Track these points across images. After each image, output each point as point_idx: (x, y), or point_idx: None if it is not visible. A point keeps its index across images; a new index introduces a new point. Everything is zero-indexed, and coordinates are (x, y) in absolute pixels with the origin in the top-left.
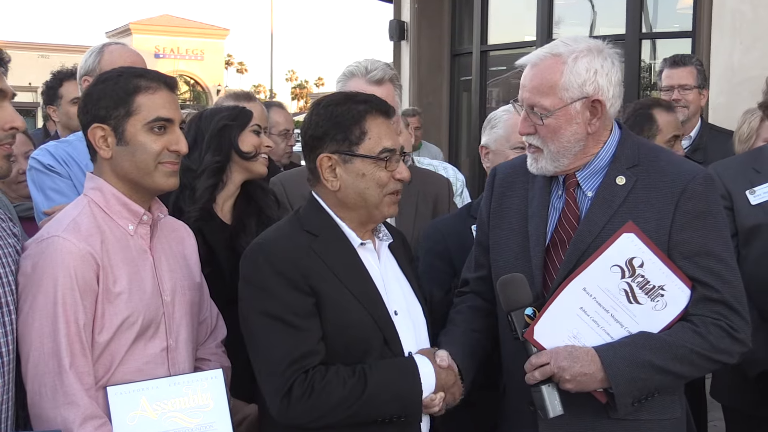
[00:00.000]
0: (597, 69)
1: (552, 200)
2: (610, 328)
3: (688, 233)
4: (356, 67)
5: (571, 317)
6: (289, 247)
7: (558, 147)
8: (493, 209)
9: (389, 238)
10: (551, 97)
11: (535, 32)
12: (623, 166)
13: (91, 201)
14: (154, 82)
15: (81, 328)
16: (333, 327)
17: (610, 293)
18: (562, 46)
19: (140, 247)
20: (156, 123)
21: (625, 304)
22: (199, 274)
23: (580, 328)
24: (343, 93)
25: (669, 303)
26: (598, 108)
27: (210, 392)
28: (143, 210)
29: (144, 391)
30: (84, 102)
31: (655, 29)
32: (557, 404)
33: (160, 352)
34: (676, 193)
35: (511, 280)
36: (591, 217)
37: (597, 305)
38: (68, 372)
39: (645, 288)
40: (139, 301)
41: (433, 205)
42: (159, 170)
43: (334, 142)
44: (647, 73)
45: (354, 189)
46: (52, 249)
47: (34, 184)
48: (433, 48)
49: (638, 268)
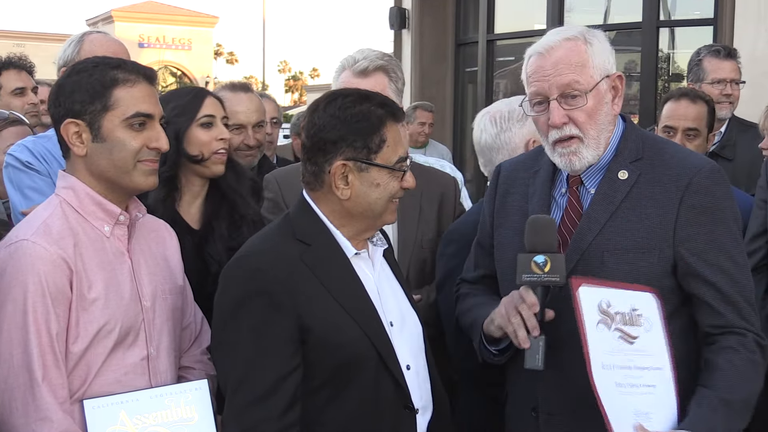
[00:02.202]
0: (607, 48)
1: (556, 198)
2: (645, 379)
3: (694, 229)
4: (346, 59)
5: (619, 401)
6: (277, 261)
7: (597, 130)
8: (497, 208)
9: (384, 244)
10: (585, 76)
11: (545, 20)
12: (626, 159)
13: (63, 201)
14: (132, 74)
15: (53, 337)
16: (322, 349)
17: (618, 351)
18: (568, 31)
19: (117, 249)
20: (135, 119)
21: (630, 348)
22: (182, 276)
23: (635, 404)
24: (356, 92)
25: (647, 316)
26: (619, 85)
27: (194, 404)
28: (119, 210)
29: (123, 404)
30: (56, 94)
31: (673, 17)
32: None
33: (140, 362)
34: (680, 187)
35: (542, 222)
36: (591, 215)
37: (621, 371)
38: (40, 385)
39: (627, 321)
40: (117, 308)
41: (438, 206)
42: (138, 169)
43: (351, 148)
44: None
45: (365, 198)
46: (20, 254)
47: (11, 182)
48: (436, 37)
49: (609, 309)
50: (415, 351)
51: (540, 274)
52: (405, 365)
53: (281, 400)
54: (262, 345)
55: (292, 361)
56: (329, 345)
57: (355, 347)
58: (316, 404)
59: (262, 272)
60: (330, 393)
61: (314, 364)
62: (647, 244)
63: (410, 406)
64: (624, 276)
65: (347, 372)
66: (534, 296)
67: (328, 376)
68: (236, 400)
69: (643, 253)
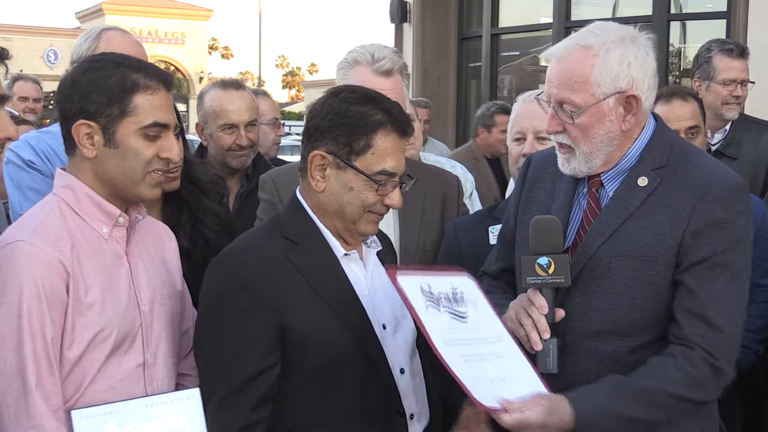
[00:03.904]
0: (630, 61)
1: (578, 198)
2: (490, 349)
3: (700, 240)
4: (361, 54)
5: (473, 371)
6: (261, 259)
7: (590, 147)
8: (523, 201)
9: (378, 246)
10: (582, 94)
11: (551, 13)
12: (649, 166)
13: (60, 201)
14: (153, 80)
15: (48, 342)
16: (303, 348)
17: (454, 328)
18: (592, 36)
19: (115, 252)
20: (152, 129)
21: (465, 325)
22: (181, 280)
23: (487, 372)
24: (367, 92)
25: (469, 295)
26: (633, 103)
27: (186, 414)
28: (119, 211)
29: (112, 414)
30: (69, 90)
31: (685, 10)
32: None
33: (136, 368)
34: (696, 196)
35: (544, 223)
36: (603, 219)
37: (465, 345)
38: (34, 392)
39: (453, 301)
40: (114, 313)
41: (441, 206)
42: (146, 180)
43: (335, 142)
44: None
45: (337, 198)
46: (16, 255)
47: (11, 180)
48: (438, 31)
49: (432, 292)
50: (412, 355)
51: (545, 276)
52: (399, 369)
53: (252, 396)
54: (241, 341)
55: (269, 358)
56: (312, 344)
57: (339, 347)
58: (301, 406)
59: (244, 269)
60: (317, 395)
61: (298, 364)
62: (654, 252)
63: (401, 411)
64: (630, 284)
65: (334, 373)
66: (542, 298)
67: (313, 377)
68: (213, 396)
69: (648, 261)
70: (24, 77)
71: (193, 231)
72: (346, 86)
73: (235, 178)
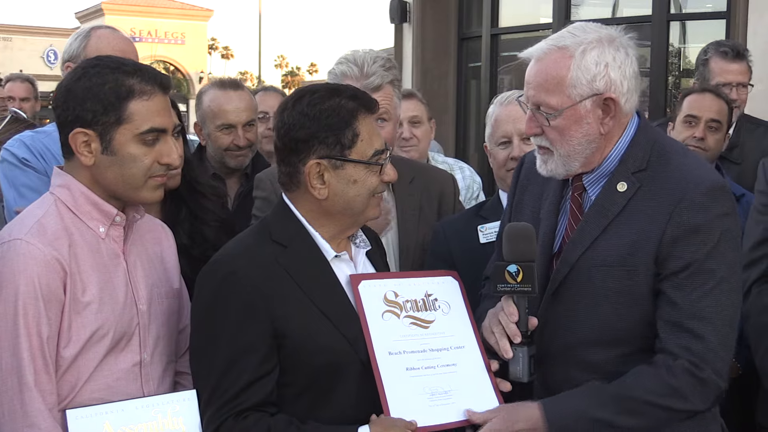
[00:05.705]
0: (608, 62)
1: (565, 202)
2: (444, 360)
3: (678, 248)
4: (349, 68)
5: (410, 384)
6: (251, 264)
7: (568, 149)
8: (515, 203)
9: (367, 245)
10: (558, 96)
11: (551, 14)
12: (629, 169)
13: (57, 200)
14: (149, 84)
15: (45, 341)
16: (298, 354)
17: (409, 336)
18: (569, 36)
19: (112, 251)
20: (149, 135)
21: (425, 333)
22: (179, 278)
23: (431, 385)
24: (325, 86)
25: (445, 299)
26: (611, 106)
27: (182, 415)
28: (116, 210)
29: (107, 414)
30: (65, 98)
31: (684, 9)
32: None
33: (132, 367)
34: (672, 202)
35: (518, 230)
36: (584, 227)
37: (414, 355)
38: (30, 391)
39: (420, 308)
40: (111, 312)
41: (438, 205)
42: (147, 185)
43: (324, 146)
44: (676, 59)
45: (343, 197)
46: (13, 253)
47: (6, 179)
48: (438, 31)
49: (397, 299)
50: None
51: (513, 284)
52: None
53: (250, 404)
54: (234, 350)
55: (264, 366)
56: (306, 350)
57: (333, 352)
58: (296, 412)
59: (235, 276)
60: (311, 401)
61: (292, 370)
62: (634, 261)
63: None
64: (611, 294)
65: (328, 378)
66: (513, 306)
67: (308, 382)
68: (209, 405)
69: (628, 271)
70: (14, 78)
71: (192, 228)
72: (303, 89)
73: (234, 177)
